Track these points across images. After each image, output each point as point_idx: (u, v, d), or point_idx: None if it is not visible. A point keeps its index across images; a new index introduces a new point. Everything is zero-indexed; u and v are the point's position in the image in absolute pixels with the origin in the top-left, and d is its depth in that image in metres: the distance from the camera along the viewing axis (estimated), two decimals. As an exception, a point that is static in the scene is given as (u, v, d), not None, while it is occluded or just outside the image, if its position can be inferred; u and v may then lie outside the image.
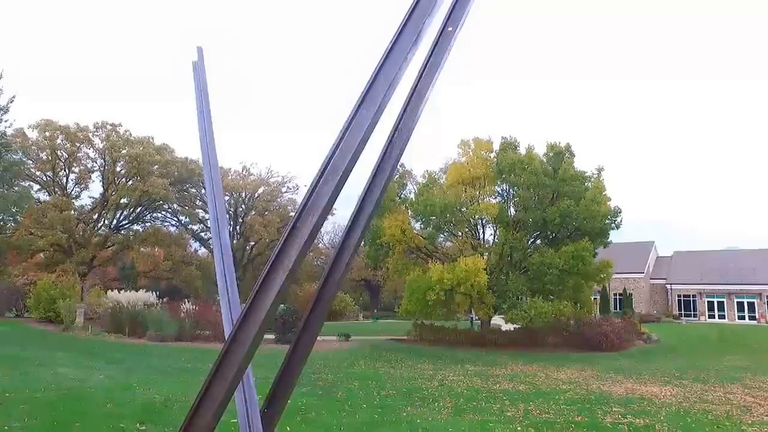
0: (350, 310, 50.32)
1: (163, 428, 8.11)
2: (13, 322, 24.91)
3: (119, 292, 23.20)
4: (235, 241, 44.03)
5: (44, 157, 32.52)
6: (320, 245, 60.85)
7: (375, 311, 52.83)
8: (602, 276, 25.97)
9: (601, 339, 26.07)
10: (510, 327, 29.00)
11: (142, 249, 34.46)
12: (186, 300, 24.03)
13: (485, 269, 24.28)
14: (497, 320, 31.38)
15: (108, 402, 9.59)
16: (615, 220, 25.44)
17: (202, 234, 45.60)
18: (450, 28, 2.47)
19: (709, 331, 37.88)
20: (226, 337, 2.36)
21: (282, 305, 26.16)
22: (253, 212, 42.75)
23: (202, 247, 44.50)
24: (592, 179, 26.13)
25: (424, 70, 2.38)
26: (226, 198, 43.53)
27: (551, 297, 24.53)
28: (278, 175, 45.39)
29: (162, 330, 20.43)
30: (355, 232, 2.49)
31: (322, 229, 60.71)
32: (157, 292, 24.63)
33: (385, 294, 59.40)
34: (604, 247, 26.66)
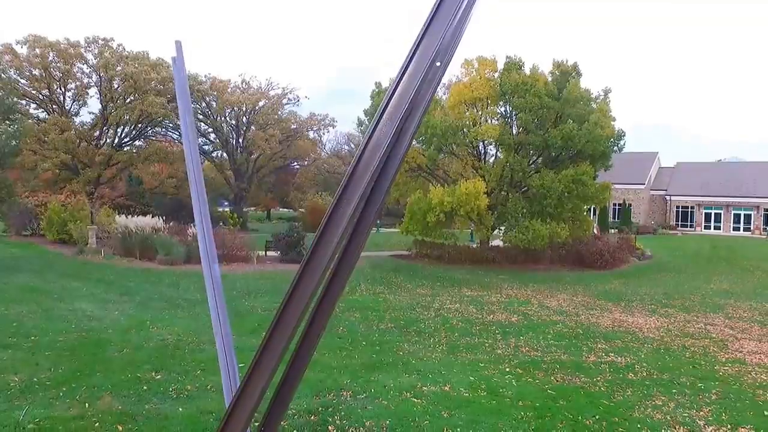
0: (353, 221, 51.28)
1: (176, 377, 8.77)
2: (30, 244, 25.76)
3: (127, 217, 23.80)
4: (238, 156, 44.15)
5: (37, 74, 31.88)
6: (323, 154, 60.89)
7: (378, 220, 53.85)
8: (601, 198, 26.31)
9: (596, 257, 26.94)
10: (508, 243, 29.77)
11: (144, 166, 34.59)
12: (192, 224, 24.62)
13: (485, 191, 24.62)
14: (497, 233, 32.14)
15: (125, 346, 10.30)
16: (618, 144, 25.37)
17: (205, 147, 45.76)
18: (438, 63, 2.57)
19: (702, 245, 38.73)
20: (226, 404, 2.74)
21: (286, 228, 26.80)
22: (254, 127, 42.48)
23: (205, 161, 44.72)
24: (598, 101, 25.75)
25: (411, 103, 2.44)
26: (228, 111, 43.11)
27: (549, 219, 25.02)
28: (278, 86, 44.68)
29: (171, 254, 21.20)
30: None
31: (324, 137, 60.50)
32: (163, 217, 25.22)
33: (387, 201, 60.13)
34: (605, 170, 26.81)
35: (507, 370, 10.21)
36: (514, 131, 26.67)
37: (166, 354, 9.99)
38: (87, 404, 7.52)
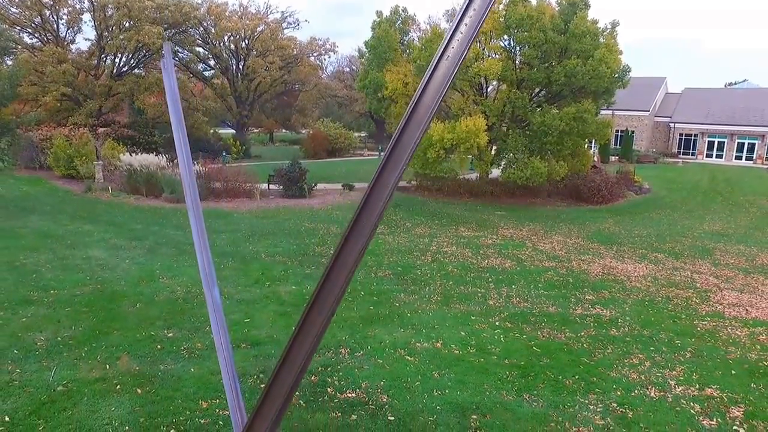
0: (354, 147, 51.34)
1: (187, 335, 9.41)
2: (39, 179, 26.13)
3: (131, 155, 24.03)
4: (239, 83, 43.50)
5: (27, 1, 30.85)
6: (324, 77, 59.83)
7: (380, 147, 53.73)
8: (602, 134, 26.28)
9: (593, 193, 27.32)
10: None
11: (145, 97, 34.15)
12: (196, 162, 24.88)
13: (486, 125, 24.59)
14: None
15: (137, 300, 10.92)
16: (622, 80, 25.01)
17: (205, 73, 45.06)
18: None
19: (702, 177, 38.84)
20: None
21: (287, 162, 27.00)
22: (254, 53, 41.56)
23: (206, 88, 44.21)
24: (605, 34, 25.13)
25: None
26: (227, 37, 42.00)
27: (549, 155, 25.18)
28: (277, 10, 43.44)
29: (176, 192, 21.60)
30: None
31: (325, 60, 59.14)
32: (167, 154, 25.42)
33: (389, 125, 59.96)
34: (608, 107, 26.62)
35: (497, 323, 10.85)
36: (517, 61, 26.25)
37: (176, 309, 10.61)
38: (107, 365, 8.19)
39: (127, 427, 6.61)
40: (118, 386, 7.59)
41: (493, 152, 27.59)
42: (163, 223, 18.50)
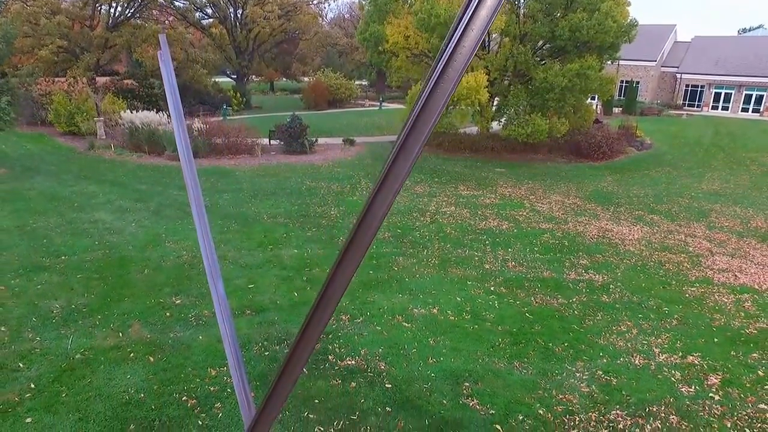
0: (355, 98, 50.83)
1: (194, 301, 9.82)
2: (42, 135, 26.23)
3: (132, 113, 23.99)
4: (238, 33, 42.73)
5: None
6: (324, 24, 58.62)
7: (381, 98, 53.15)
8: (605, 91, 26.01)
9: (594, 149, 27.34)
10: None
11: (143, 50, 33.59)
12: (196, 119, 24.85)
13: (488, 80, 24.38)
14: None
15: (145, 266, 11.30)
16: (629, 34, 24.56)
17: (203, 21, 44.18)
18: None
19: (705, 131, 38.61)
20: None
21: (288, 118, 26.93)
22: (252, 1, 40.63)
23: (204, 37, 43.40)
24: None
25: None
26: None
27: (550, 112, 25.07)
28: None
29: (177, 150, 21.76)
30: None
31: (325, 7, 57.75)
32: (167, 111, 25.31)
33: (391, 77, 59.31)
34: (612, 62, 26.25)
35: (492, 289, 11.23)
36: (521, 14, 25.74)
37: (183, 275, 10.98)
38: (120, 333, 8.63)
39: (142, 395, 7.08)
40: (132, 354, 8.04)
41: (494, 108, 27.43)
42: (166, 182, 18.73)
